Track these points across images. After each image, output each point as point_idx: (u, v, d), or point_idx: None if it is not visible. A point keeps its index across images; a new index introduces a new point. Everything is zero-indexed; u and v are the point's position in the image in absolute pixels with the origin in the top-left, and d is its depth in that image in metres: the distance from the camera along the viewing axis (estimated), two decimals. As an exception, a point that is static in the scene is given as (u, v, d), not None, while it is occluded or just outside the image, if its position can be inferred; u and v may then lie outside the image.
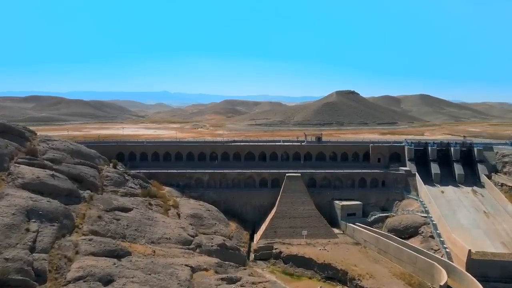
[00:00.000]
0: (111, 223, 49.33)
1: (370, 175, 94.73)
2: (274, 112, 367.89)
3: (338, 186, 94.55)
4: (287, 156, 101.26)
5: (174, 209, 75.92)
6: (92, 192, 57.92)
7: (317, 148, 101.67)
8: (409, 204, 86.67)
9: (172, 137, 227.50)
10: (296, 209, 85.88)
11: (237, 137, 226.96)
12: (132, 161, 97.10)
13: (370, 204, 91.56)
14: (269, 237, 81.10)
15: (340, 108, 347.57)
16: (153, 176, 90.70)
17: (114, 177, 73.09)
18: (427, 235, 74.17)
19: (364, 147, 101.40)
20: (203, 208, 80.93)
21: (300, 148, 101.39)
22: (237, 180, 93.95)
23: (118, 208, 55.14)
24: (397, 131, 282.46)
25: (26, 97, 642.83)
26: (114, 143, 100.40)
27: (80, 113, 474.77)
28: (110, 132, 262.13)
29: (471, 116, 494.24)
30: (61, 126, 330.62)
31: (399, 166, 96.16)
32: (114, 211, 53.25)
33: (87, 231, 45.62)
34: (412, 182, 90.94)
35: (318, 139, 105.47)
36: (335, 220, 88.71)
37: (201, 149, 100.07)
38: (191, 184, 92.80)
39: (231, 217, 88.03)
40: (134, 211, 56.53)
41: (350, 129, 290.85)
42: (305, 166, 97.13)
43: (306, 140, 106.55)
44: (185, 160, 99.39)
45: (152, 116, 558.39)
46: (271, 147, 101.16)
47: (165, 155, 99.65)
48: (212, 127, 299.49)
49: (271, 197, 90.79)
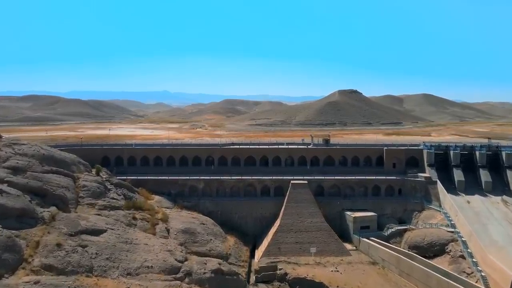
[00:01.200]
0: (74, 252, 39.18)
1: (385, 182, 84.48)
2: (275, 112, 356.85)
3: (349, 194, 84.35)
4: (291, 160, 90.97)
5: (163, 224, 65.74)
6: (58, 208, 47.75)
7: (325, 151, 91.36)
8: (431, 216, 76.41)
9: (169, 137, 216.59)
10: (302, 221, 75.68)
11: (236, 137, 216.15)
12: (118, 166, 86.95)
13: (386, 215, 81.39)
14: (272, 255, 70.91)
15: (343, 107, 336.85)
16: (141, 183, 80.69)
17: (92, 187, 62.92)
18: (456, 254, 63.91)
19: (378, 151, 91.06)
20: (196, 222, 70.75)
21: (306, 151, 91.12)
22: (236, 188, 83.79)
23: (86, 230, 44.87)
24: (402, 131, 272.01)
25: (24, 96, 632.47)
26: (98, 146, 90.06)
27: (77, 113, 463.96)
28: (106, 133, 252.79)
29: (475, 116, 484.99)
30: (56, 126, 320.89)
31: (417, 172, 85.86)
32: (80, 235, 43.03)
33: (38, 266, 35.50)
34: (433, 191, 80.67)
35: (325, 141, 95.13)
36: (346, 233, 78.54)
37: (196, 153, 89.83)
38: (184, 192, 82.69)
39: (229, 230, 77.97)
40: (108, 234, 46.25)
41: (353, 129, 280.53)
42: (311, 172, 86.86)
43: (313, 143, 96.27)
44: (178, 165, 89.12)
45: (151, 116, 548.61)
46: (274, 150, 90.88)
47: (156, 160, 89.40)
48: (211, 127, 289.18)
49: (274, 207, 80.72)
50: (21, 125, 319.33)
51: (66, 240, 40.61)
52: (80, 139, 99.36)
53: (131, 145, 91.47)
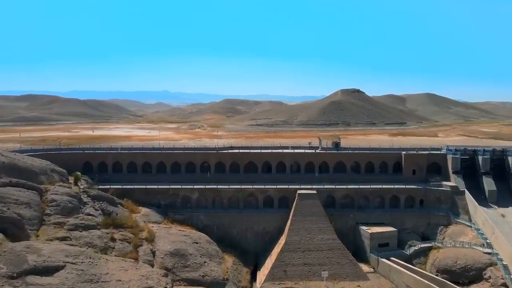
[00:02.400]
0: (11, 304, 29.03)
1: (404, 192, 74.25)
2: (275, 112, 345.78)
3: (363, 206, 74.15)
4: (297, 167, 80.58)
5: (148, 244, 55.65)
6: (7, 235, 37.60)
7: (335, 156, 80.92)
8: (460, 232, 66.11)
9: (167, 138, 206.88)
10: (311, 238, 65.44)
11: (236, 138, 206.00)
12: (102, 173, 76.71)
13: (406, 230, 71.23)
14: (277, 279, 60.78)
15: (346, 107, 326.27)
16: (127, 193, 70.71)
17: (63, 202, 52.74)
18: (497, 282, 53.63)
19: (395, 156, 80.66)
20: (188, 241, 60.56)
21: (314, 156, 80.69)
22: (235, 198, 73.60)
23: (34, 269, 34.55)
24: (407, 132, 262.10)
25: (21, 96, 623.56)
26: (79, 151, 79.55)
27: (74, 113, 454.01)
28: (101, 133, 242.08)
29: (479, 116, 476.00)
30: (51, 126, 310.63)
31: (440, 180, 75.60)
32: (25, 278, 32.69)
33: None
34: (461, 202, 70.42)
35: (335, 145, 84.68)
36: (361, 251, 68.41)
37: (190, 158, 79.41)
38: (176, 203, 72.60)
39: (226, 247, 67.91)
40: (66, 271, 35.99)
41: (357, 130, 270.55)
42: (320, 180, 76.56)
43: (321, 146, 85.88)
44: (169, 172, 78.70)
45: (150, 116, 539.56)
46: (277, 155, 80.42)
47: (144, 166, 79.01)
48: (210, 128, 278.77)
49: (279, 220, 70.73)
50: (14, 125, 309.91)
51: (2, 287, 30.50)
52: (59, 142, 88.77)
53: (116, 149, 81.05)
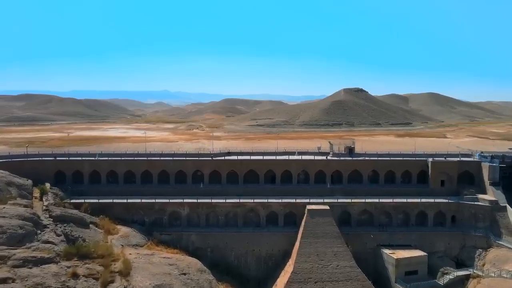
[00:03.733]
0: None
1: (433, 207, 62.77)
2: (277, 112, 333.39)
3: (385, 223, 62.70)
4: (306, 176, 68.90)
5: (122, 280, 44.14)
6: None
7: (349, 164, 69.19)
8: (505, 258, 54.56)
9: (163, 139, 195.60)
10: (325, 266, 54.06)
11: (236, 139, 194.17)
12: (77, 184, 65.31)
13: (437, 253, 59.83)
14: (284, 317, 49.45)
15: (349, 107, 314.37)
16: (105, 208, 59.62)
17: (11, 227, 41.38)
18: None
19: (419, 163, 68.95)
20: (175, 271, 49.03)
21: (326, 164, 68.96)
22: (233, 214, 62.17)
23: None
24: (414, 132, 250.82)
25: (19, 95, 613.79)
26: (50, 158, 67.86)
27: (70, 112, 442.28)
28: (95, 134, 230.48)
29: (484, 116, 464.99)
30: (45, 126, 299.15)
31: (475, 192, 64.12)
32: None
33: None
34: (503, 220, 58.97)
35: (349, 150, 73.04)
36: (384, 279, 57.00)
37: (180, 166, 67.70)
38: (163, 221, 61.31)
39: (222, 275, 56.69)
40: None
41: (362, 130, 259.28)
42: (333, 193, 65.02)
43: (332, 152, 74.23)
44: (156, 182, 67.09)
45: (149, 116, 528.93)
46: (283, 163, 68.71)
47: (127, 175, 67.30)
48: (208, 128, 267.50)
49: (285, 241, 59.50)
50: (7, 125, 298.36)
51: None
52: (26, 146, 76.90)
53: (94, 156, 69.37)
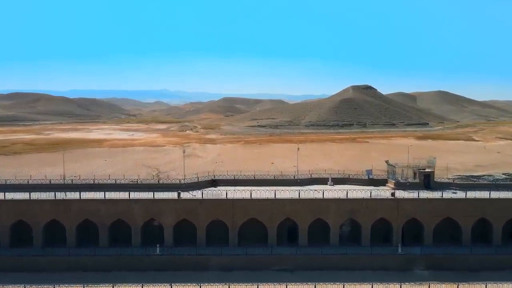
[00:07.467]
0: None
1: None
2: (279, 111, 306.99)
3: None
4: (353, 229, 41.51)
5: None
6: None
7: (435, 206, 40.89)
8: None
9: (149, 142, 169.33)
10: None
11: (233, 142, 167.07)
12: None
13: None
14: None
15: (360, 105, 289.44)
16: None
17: None
18: None
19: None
20: None
21: (393, 207, 40.89)
22: None
23: None
24: (435, 134, 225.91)
25: (9, 94, 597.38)
26: None
27: (58, 112, 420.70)
28: (74, 136, 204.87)
29: (497, 115, 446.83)
30: (26, 127, 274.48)
31: None
32: None
33: None
34: None
35: (424, 178, 44.35)
36: None
37: (119, 213, 40.50)
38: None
39: None
40: None
41: (375, 132, 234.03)
42: (409, 265, 38.18)
43: (396, 179, 45.54)
44: (72, 242, 40.34)
45: (145, 115, 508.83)
46: (311, 205, 40.50)
47: (17, 229, 40.30)
48: (203, 129, 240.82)
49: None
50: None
51: None
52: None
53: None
